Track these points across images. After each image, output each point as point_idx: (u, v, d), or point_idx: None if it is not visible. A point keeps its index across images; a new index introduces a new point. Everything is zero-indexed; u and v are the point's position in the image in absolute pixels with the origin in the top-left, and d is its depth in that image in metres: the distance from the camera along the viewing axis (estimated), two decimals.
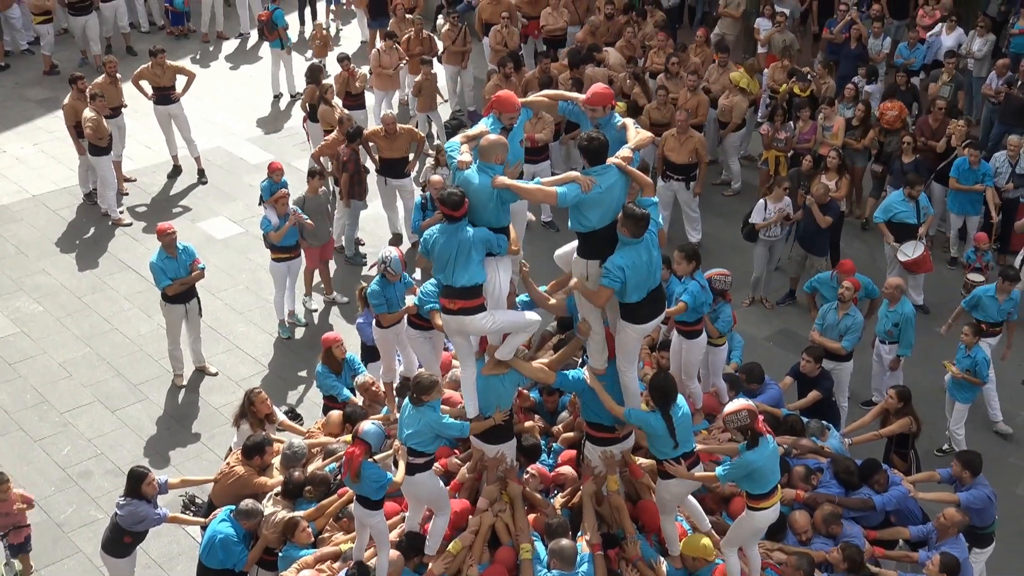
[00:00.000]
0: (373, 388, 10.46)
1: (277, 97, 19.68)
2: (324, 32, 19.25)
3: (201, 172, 17.14)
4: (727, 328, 10.73)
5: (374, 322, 10.22)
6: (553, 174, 14.27)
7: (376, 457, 8.01)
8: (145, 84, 16.68)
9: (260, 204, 13.95)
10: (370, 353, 11.19)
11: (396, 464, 8.06)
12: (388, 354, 10.36)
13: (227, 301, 14.33)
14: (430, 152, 14.52)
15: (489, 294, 7.84)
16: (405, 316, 9.72)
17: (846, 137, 15.38)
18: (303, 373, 12.98)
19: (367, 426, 7.90)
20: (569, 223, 7.88)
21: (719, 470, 7.84)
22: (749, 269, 14.38)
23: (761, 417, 7.89)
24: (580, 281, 7.79)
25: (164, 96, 16.64)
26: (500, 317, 7.82)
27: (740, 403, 7.81)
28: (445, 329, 8.08)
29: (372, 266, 12.13)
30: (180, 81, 16.82)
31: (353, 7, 22.47)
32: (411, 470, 7.91)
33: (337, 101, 15.96)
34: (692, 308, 9.54)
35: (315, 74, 16.28)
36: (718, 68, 16.81)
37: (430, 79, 17.11)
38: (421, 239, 7.96)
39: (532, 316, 8.02)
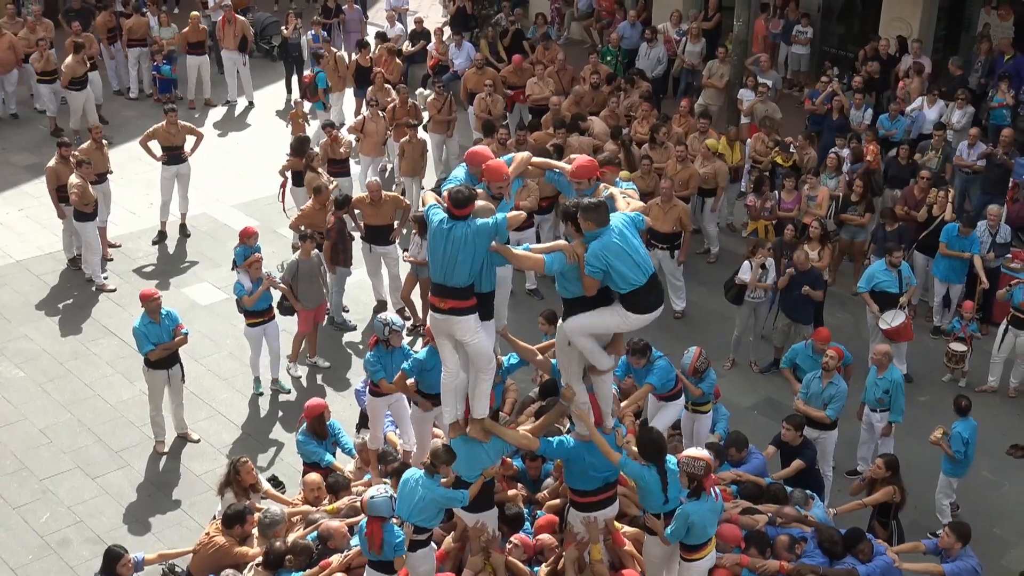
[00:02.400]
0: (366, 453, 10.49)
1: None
2: (301, 112, 19.20)
3: (183, 228, 17.38)
4: (709, 390, 10.92)
5: (368, 389, 10.30)
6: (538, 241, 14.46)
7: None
8: (154, 145, 16.82)
9: (233, 269, 14.04)
10: (367, 421, 11.24)
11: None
12: (376, 422, 10.42)
13: (210, 367, 14.34)
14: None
15: (476, 353, 7.91)
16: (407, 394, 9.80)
17: (848, 213, 15.53)
18: (285, 439, 12.96)
19: (374, 499, 7.95)
20: (557, 288, 7.99)
21: (667, 529, 8.00)
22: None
23: (714, 477, 8.08)
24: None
25: (175, 156, 16.97)
26: (485, 334, 7.87)
27: (703, 453, 8.09)
28: (432, 327, 8.08)
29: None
30: (189, 141, 17.08)
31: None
32: (413, 546, 7.97)
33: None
34: (660, 385, 9.93)
35: (302, 145, 16.46)
36: (698, 135, 17.07)
37: (415, 143, 17.31)
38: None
39: (493, 358, 8.04)
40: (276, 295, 13.75)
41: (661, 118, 17.64)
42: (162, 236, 17.40)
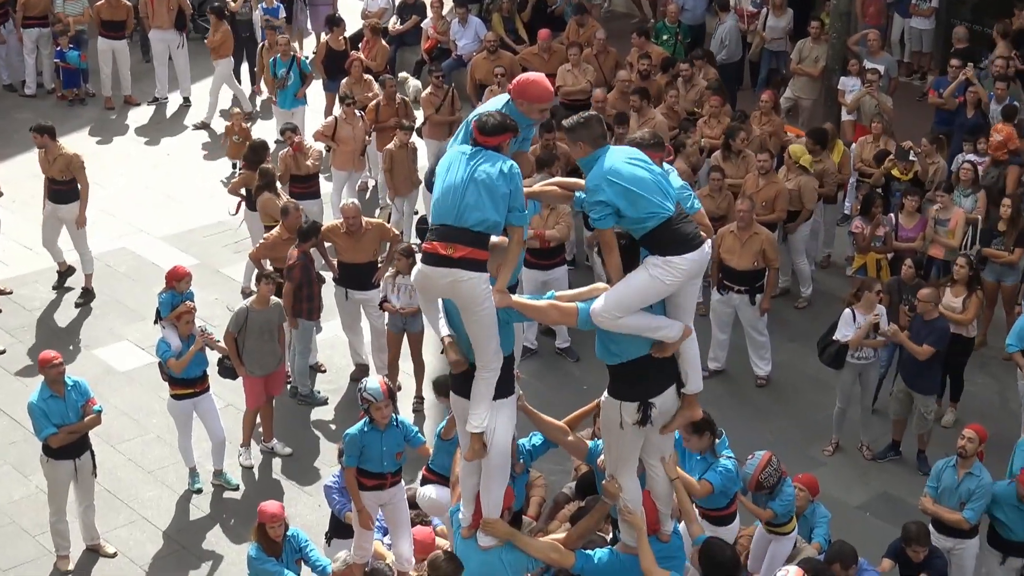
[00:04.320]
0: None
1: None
2: (239, 124, 19.25)
3: (87, 292, 17.09)
4: (787, 510, 10.88)
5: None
6: (571, 285, 14.47)
7: None
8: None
9: (156, 322, 14.06)
10: (341, 528, 11.20)
11: None
12: (363, 528, 10.40)
13: (131, 455, 14.34)
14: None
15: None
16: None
17: (992, 246, 15.47)
18: (231, 554, 12.92)
19: None
20: (596, 350, 7.97)
21: None
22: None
23: None
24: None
25: (56, 191, 16.55)
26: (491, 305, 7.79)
27: (796, 572, 7.97)
28: (419, 285, 7.98)
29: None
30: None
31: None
32: None
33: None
34: (720, 492, 9.86)
35: (259, 154, 16.54)
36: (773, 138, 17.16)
37: (407, 149, 17.35)
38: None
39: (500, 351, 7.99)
40: (214, 357, 13.78)
41: (737, 117, 17.65)
42: (63, 278, 17.44)
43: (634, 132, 11.23)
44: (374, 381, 10.37)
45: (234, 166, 19.33)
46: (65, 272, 17.44)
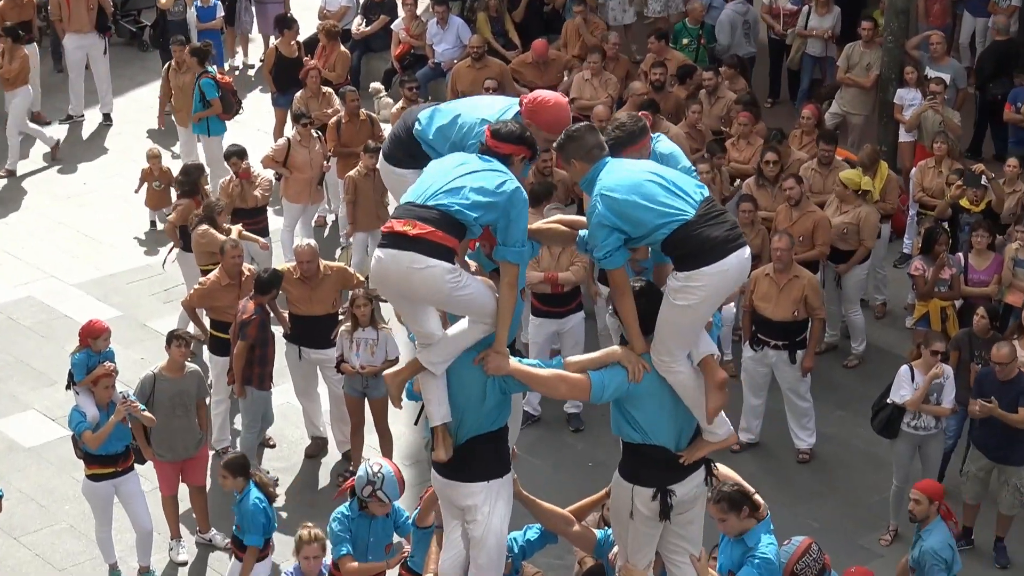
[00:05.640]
0: None
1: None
2: (163, 168, 19.20)
3: None
4: None
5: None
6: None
7: None
8: None
9: (69, 388, 14.05)
10: None
11: None
12: None
13: (38, 550, 14.30)
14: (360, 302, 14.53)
15: (477, 543, 8.04)
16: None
17: None
18: None
19: None
20: (612, 426, 8.03)
21: None
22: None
23: None
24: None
25: None
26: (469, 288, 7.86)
27: None
28: (376, 278, 8.08)
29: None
30: None
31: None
32: None
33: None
34: None
35: (193, 177, 16.57)
36: (818, 164, 17.21)
37: (374, 176, 17.29)
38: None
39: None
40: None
41: (775, 136, 17.60)
42: None
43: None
44: (388, 469, 10.31)
45: (152, 224, 19.37)
46: None
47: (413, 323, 8.02)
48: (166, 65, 20.94)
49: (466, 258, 8.10)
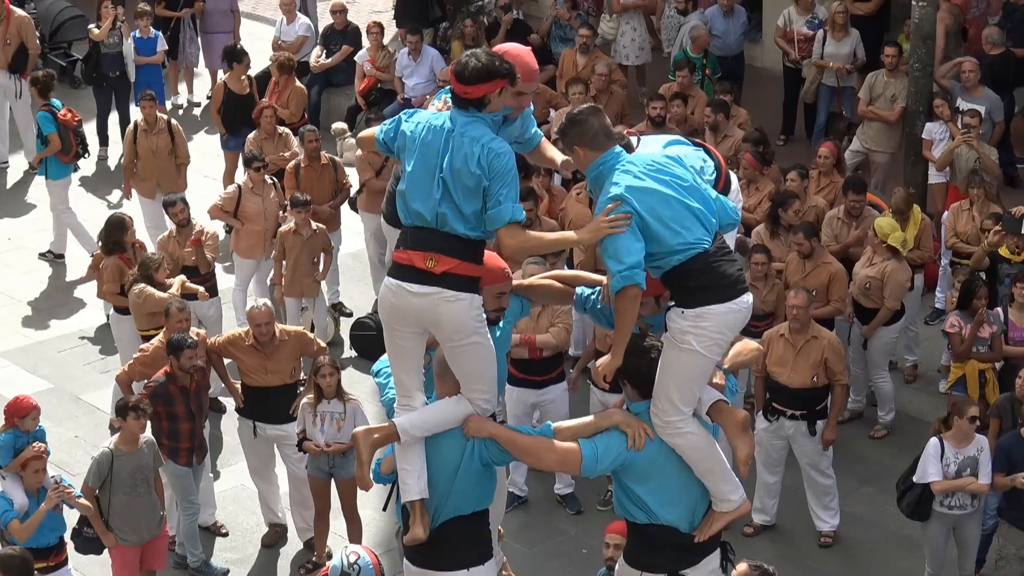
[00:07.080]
0: None
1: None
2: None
3: None
4: None
5: None
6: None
7: None
8: None
9: None
10: None
11: None
12: None
13: None
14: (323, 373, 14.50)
15: None
16: None
17: None
18: None
19: None
20: (614, 504, 8.07)
21: None
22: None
23: None
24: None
25: None
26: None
27: None
28: (386, 308, 7.98)
29: None
30: None
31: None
32: None
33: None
34: None
35: (115, 233, 16.50)
36: (846, 215, 17.23)
37: (304, 234, 17.33)
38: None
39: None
40: (73, 518, 13.76)
41: (800, 172, 17.57)
42: None
43: None
44: (367, 559, 10.27)
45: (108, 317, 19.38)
46: None
47: (400, 367, 8.05)
48: (131, 125, 20.56)
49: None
